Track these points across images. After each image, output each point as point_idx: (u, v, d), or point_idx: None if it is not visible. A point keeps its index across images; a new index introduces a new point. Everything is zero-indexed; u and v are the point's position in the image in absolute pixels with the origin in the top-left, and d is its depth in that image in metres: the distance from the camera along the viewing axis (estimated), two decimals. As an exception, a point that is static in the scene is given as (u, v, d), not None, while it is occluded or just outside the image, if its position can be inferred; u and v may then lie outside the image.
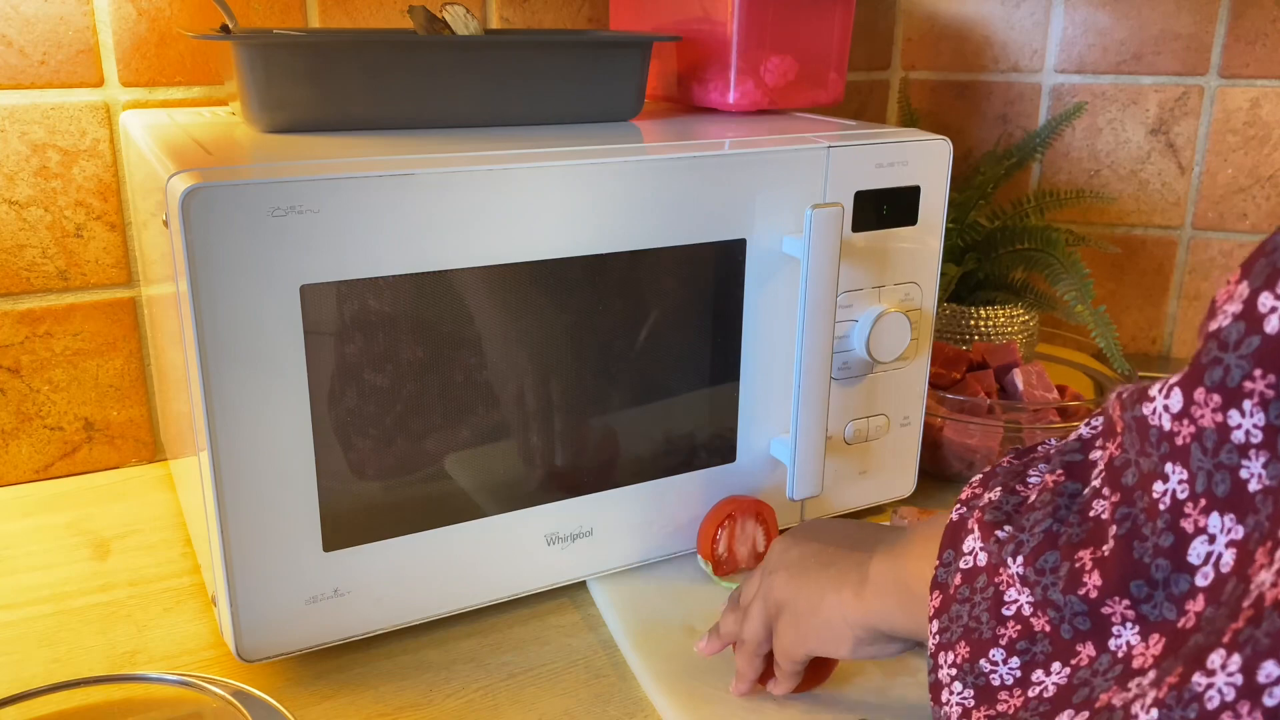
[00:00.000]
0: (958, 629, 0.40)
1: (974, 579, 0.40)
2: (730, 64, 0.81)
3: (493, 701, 0.61)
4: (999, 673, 0.38)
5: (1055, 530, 0.37)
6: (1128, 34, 1.09)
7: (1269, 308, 0.29)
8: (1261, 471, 0.30)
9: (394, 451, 0.62)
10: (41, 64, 0.80)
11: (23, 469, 0.88)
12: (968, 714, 0.38)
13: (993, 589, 0.39)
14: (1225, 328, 0.31)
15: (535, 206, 0.61)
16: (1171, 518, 0.32)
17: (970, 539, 0.41)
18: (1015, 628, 0.37)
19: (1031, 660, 0.37)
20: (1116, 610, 0.34)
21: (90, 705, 0.56)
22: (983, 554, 0.40)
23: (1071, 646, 0.35)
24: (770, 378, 0.73)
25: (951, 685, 0.39)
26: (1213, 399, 0.31)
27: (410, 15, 0.76)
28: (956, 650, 0.39)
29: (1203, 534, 0.32)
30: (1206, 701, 0.27)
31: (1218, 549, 0.31)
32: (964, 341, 1.03)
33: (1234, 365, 0.30)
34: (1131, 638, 0.33)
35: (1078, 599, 0.35)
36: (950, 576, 0.41)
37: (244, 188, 0.53)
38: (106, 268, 0.86)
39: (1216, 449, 0.31)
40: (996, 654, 0.38)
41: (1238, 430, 0.30)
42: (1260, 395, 0.30)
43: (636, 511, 0.71)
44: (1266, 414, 0.30)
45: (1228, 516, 0.31)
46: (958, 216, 1.03)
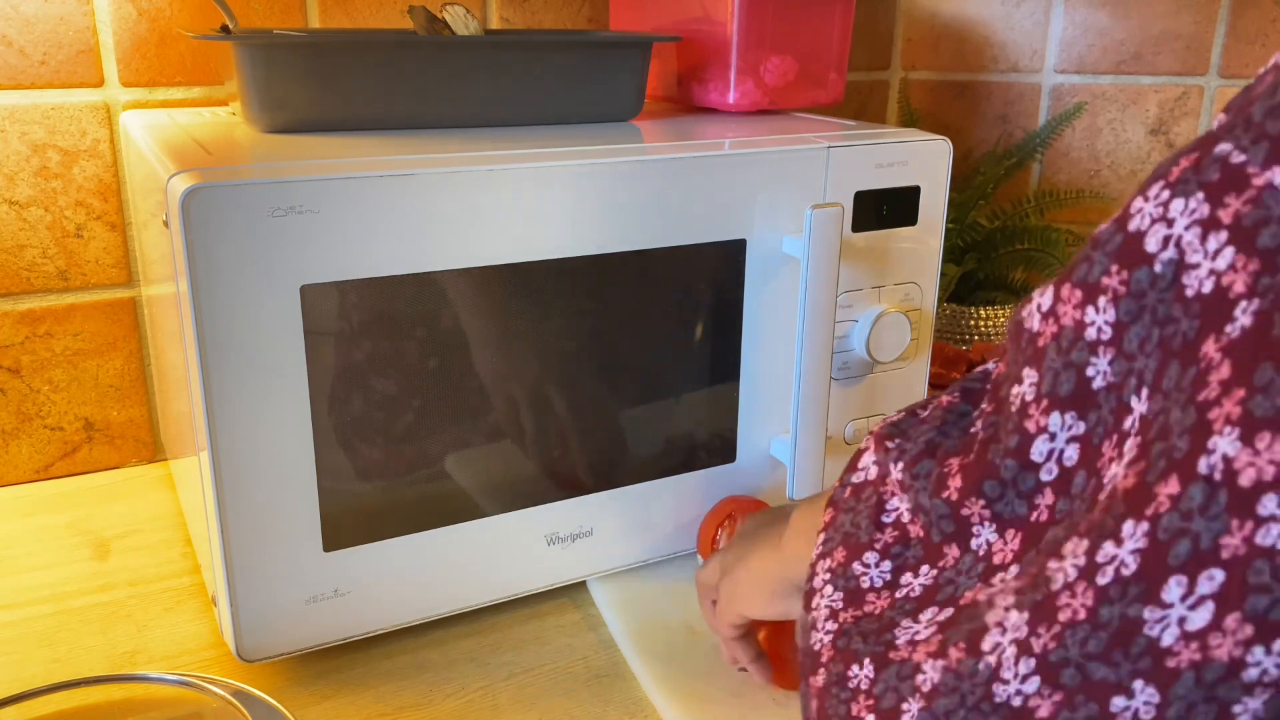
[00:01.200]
0: (839, 536, 0.40)
1: (862, 491, 0.41)
2: (730, 64, 0.81)
3: (493, 701, 0.61)
4: (869, 575, 0.38)
5: (936, 440, 0.38)
6: (1128, 34, 1.09)
7: (1137, 209, 0.30)
8: (1107, 369, 0.31)
9: (394, 451, 0.62)
10: (42, 64, 0.80)
11: (23, 469, 0.88)
12: (834, 615, 0.39)
13: (876, 497, 0.39)
14: (1103, 229, 0.32)
15: (535, 206, 0.61)
16: (1018, 419, 0.34)
17: (866, 455, 0.41)
18: (892, 533, 0.38)
19: (903, 564, 0.37)
20: (974, 511, 0.35)
21: (90, 705, 0.56)
22: (874, 467, 0.40)
23: (940, 549, 0.36)
24: (770, 378, 0.73)
25: (823, 590, 0.40)
26: (1075, 294, 0.32)
27: (410, 15, 0.76)
28: (834, 556, 0.40)
29: (1044, 433, 0.33)
30: (1052, 584, 0.28)
31: (1058, 445, 0.32)
32: (964, 341, 1.03)
33: (1097, 261, 0.31)
34: (990, 536, 0.34)
35: (941, 502, 0.36)
36: (843, 492, 0.42)
37: (244, 188, 0.53)
38: (106, 268, 0.86)
39: (1069, 347, 0.32)
40: (870, 557, 0.38)
41: (1090, 327, 0.31)
42: (1114, 291, 0.31)
43: (636, 511, 0.71)
44: (1117, 311, 0.30)
45: (1069, 414, 0.32)
46: (958, 216, 1.03)
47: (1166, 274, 0.29)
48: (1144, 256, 0.30)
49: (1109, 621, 0.27)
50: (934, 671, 0.32)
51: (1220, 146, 0.29)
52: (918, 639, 0.35)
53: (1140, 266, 0.30)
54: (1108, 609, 0.27)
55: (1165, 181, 0.30)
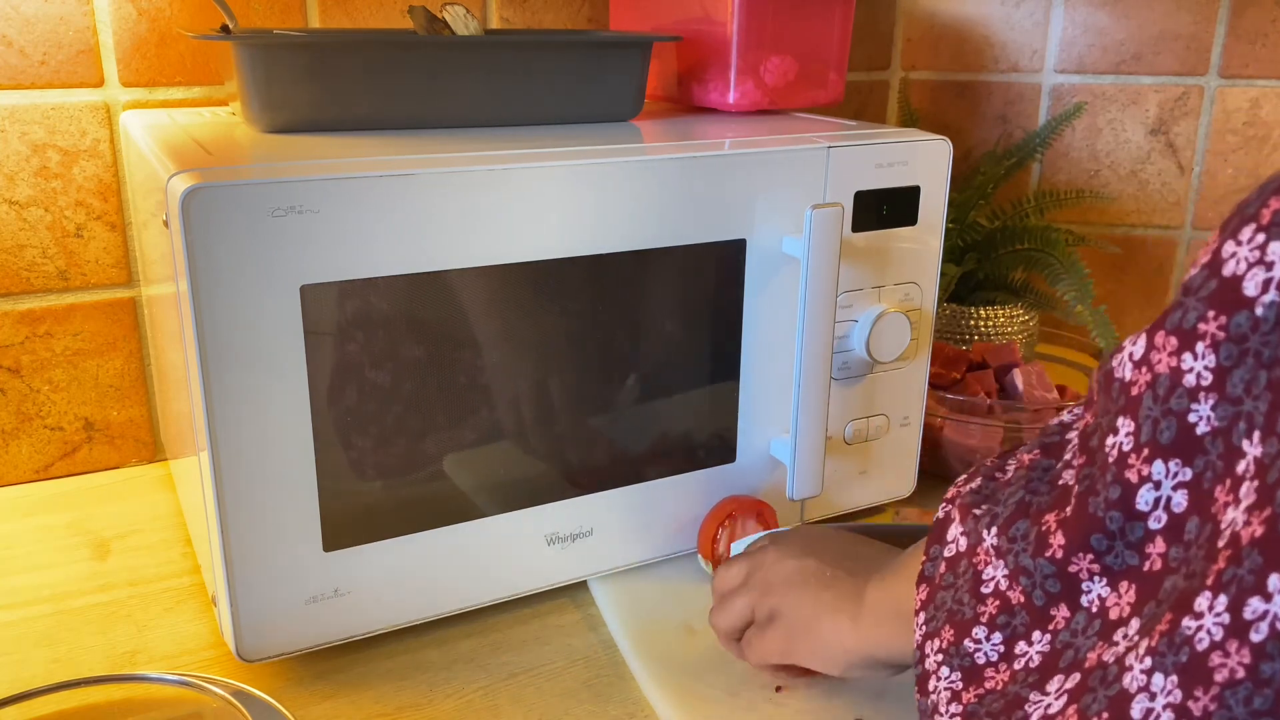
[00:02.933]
0: (942, 615, 0.40)
1: (956, 564, 0.40)
2: (730, 64, 0.81)
3: (493, 701, 0.61)
4: (983, 650, 0.38)
5: (1027, 500, 0.38)
6: (1128, 34, 1.09)
7: (1230, 253, 0.30)
8: (1210, 414, 0.31)
9: (394, 451, 0.62)
10: (42, 64, 0.80)
11: (23, 469, 0.88)
12: (957, 697, 0.38)
13: (972, 570, 0.39)
14: (1193, 275, 0.32)
15: (535, 206, 0.61)
16: (1117, 469, 0.34)
17: (953, 528, 0.41)
18: (994, 604, 0.38)
19: (1013, 634, 0.37)
20: (1082, 566, 0.35)
21: (90, 705, 0.56)
22: (963, 538, 0.40)
23: (1046, 612, 0.36)
24: (770, 378, 0.73)
25: (938, 672, 0.39)
26: (1170, 342, 0.32)
27: (410, 15, 0.76)
28: (942, 636, 0.39)
29: (1147, 482, 0.32)
30: (1197, 644, 0.28)
31: (1164, 493, 0.32)
32: (964, 341, 1.03)
33: (1191, 308, 0.31)
34: (1101, 590, 0.34)
35: (1046, 561, 0.35)
36: (935, 568, 0.41)
37: (244, 188, 0.53)
38: (106, 268, 0.86)
39: (1167, 395, 0.32)
40: (979, 632, 0.38)
41: (1189, 374, 0.31)
42: (1212, 337, 0.31)
43: (636, 511, 0.71)
44: (1217, 356, 0.30)
45: (1173, 462, 0.32)
46: (958, 216, 1.03)
47: (1269, 316, 0.29)
48: (1243, 300, 0.30)
49: (1272, 678, 0.26)
50: None
51: None
52: (1051, 712, 0.34)
53: (1239, 310, 0.30)
54: (1268, 665, 0.27)
55: (1258, 225, 0.30)
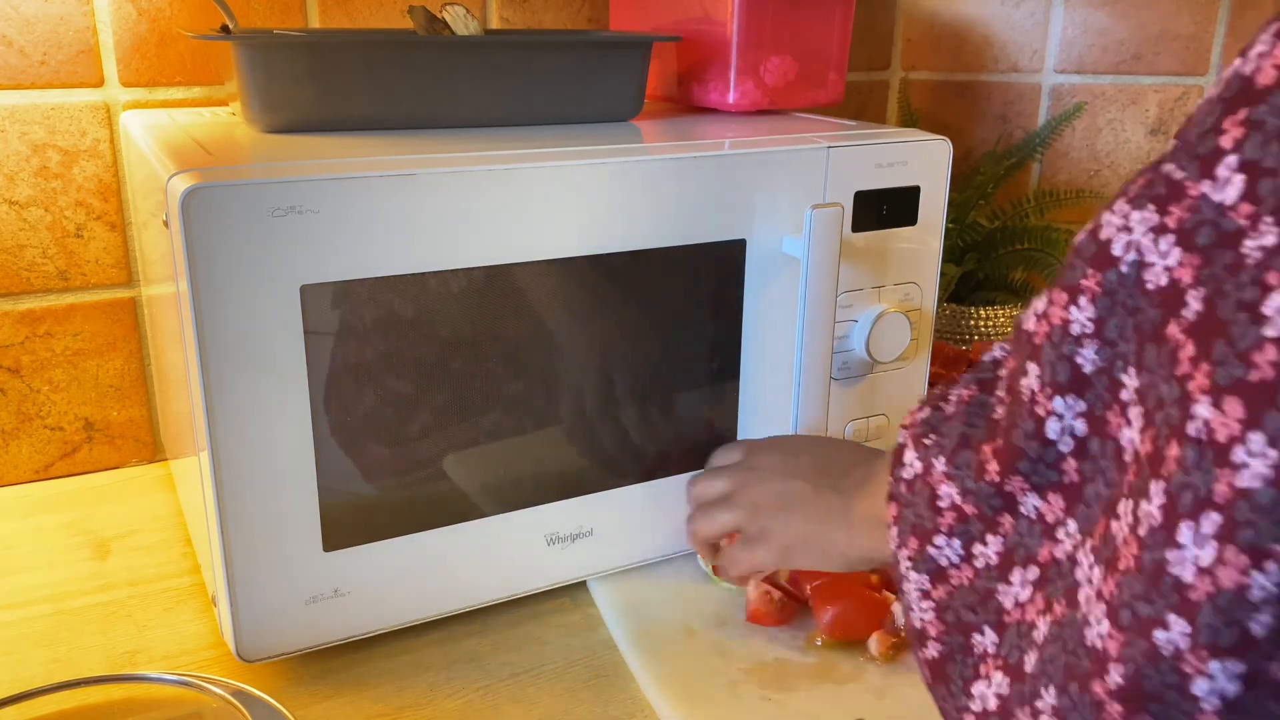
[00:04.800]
0: (907, 528, 0.46)
1: (914, 484, 0.47)
2: (730, 64, 0.81)
3: (493, 701, 0.61)
4: (944, 554, 0.45)
5: (967, 434, 0.45)
6: (1128, 34, 1.09)
7: (1106, 221, 0.36)
8: (1095, 357, 0.37)
9: (394, 451, 0.62)
10: (42, 64, 0.80)
11: (23, 469, 0.88)
12: (926, 595, 0.45)
13: (928, 489, 0.46)
14: (1082, 240, 0.38)
15: (535, 206, 0.61)
16: (1030, 407, 0.40)
17: (908, 453, 0.48)
18: (951, 515, 0.44)
19: (969, 538, 0.44)
20: (1015, 487, 0.41)
21: (90, 705, 0.56)
22: (918, 462, 0.47)
23: (994, 519, 0.43)
24: (770, 378, 0.73)
25: (909, 575, 0.46)
26: (1061, 296, 0.38)
27: (410, 15, 0.76)
28: (909, 546, 0.46)
29: (1052, 415, 0.39)
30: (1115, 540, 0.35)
31: (1067, 423, 0.39)
32: (964, 341, 1.03)
33: (1077, 267, 0.38)
34: (1035, 502, 0.41)
35: (985, 484, 0.43)
36: (898, 488, 0.48)
37: (244, 188, 0.53)
38: (106, 268, 0.86)
39: (1060, 342, 0.38)
40: (940, 539, 0.45)
41: (1074, 324, 0.38)
42: (1091, 291, 0.37)
43: (636, 511, 0.71)
44: (1095, 308, 0.37)
45: (1069, 397, 0.39)
46: (958, 216, 1.03)
47: (1131, 273, 0.35)
48: (1111, 260, 0.36)
49: (1148, 566, 0.32)
50: (1044, 626, 0.38)
51: (1165, 166, 0.35)
52: (1022, 600, 0.40)
53: (1110, 269, 0.36)
54: (1147, 554, 0.32)
55: (1126, 198, 0.36)
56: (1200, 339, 0.32)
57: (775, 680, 0.62)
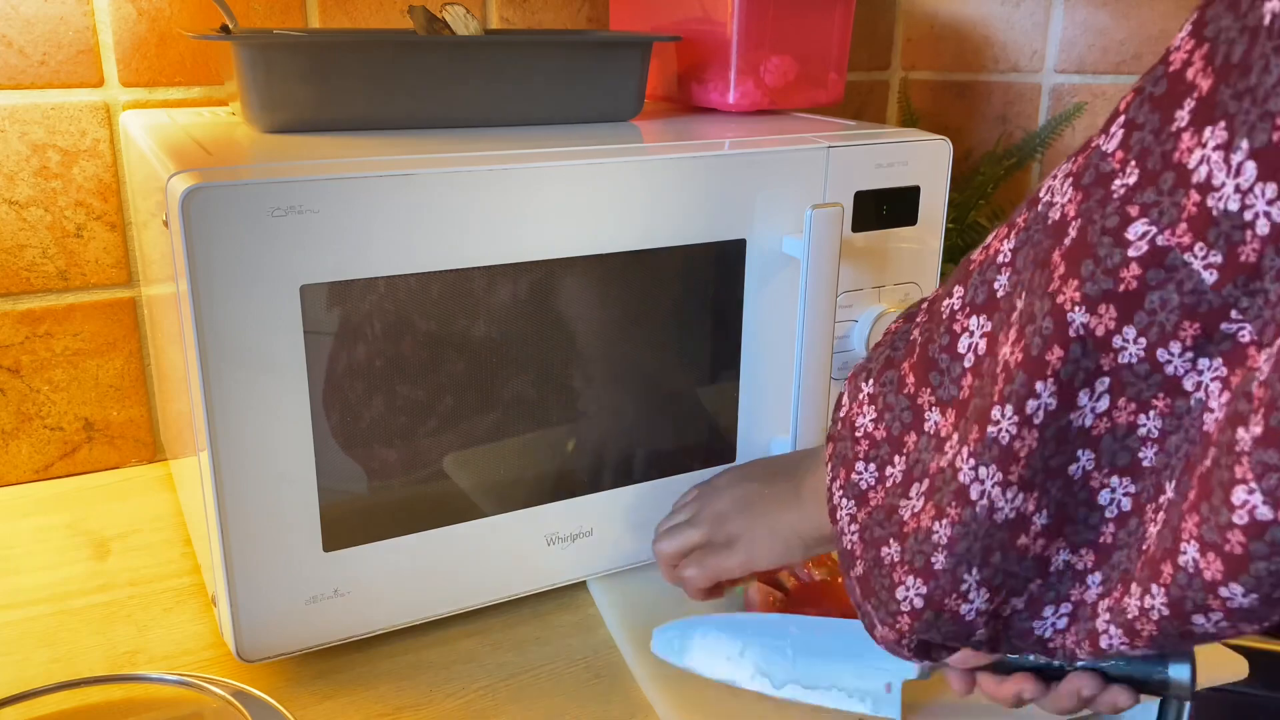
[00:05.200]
0: (839, 462, 0.51)
1: (845, 420, 0.51)
2: (730, 64, 0.81)
3: (493, 701, 0.61)
4: (863, 479, 0.49)
5: (892, 356, 0.49)
6: (1128, 34, 1.09)
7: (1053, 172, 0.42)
8: (1006, 282, 0.43)
9: (394, 451, 0.62)
10: (41, 64, 0.80)
11: (23, 469, 0.88)
12: (854, 519, 0.49)
13: (850, 423, 0.50)
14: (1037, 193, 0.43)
15: (535, 206, 0.61)
16: (948, 323, 0.45)
17: (844, 394, 0.52)
18: (866, 443, 0.49)
19: (880, 462, 0.48)
20: (925, 399, 0.46)
21: (90, 705, 0.56)
22: (847, 399, 0.51)
23: (901, 439, 0.48)
24: (770, 378, 0.73)
25: (841, 504, 0.50)
26: (1001, 231, 0.44)
27: (410, 15, 0.76)
28: (839, 477, 0.50)
29: (966, 331, 0.45)
30: (1002, 440, 0.41)
31: (975, 340, 0.44)
32: (964, 341, 1.03)
33: (1018, 210, 0.44)
34: (937, 418, 0.46)
35: (904, 397, 0.47)
36: (834, 427, 0.52)
37: (244, 188, 0.53)
38: (106, 268, 0.86)
39: (987, 268, 0.44)
40: (859, 466, 0.49)
41: (1001, 254, 0.44)
42: (1016, 228, 0.43)
43: (636, 511, 0.71)
44: (1015, 241, 0.43)
45: (980, 316, 0.44)
46: (958, 216, 1.03)
47: (1043, 213, 0.41)
48: (1035, 200, 0.42)
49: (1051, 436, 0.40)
50: (944, 529, 0.43)
51: (1096, 140, 0.40)
52: (916, 510, 0.45)
53: (1033, 208, 0.42)
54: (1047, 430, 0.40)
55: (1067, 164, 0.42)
56: (1071, 260, 0.39)
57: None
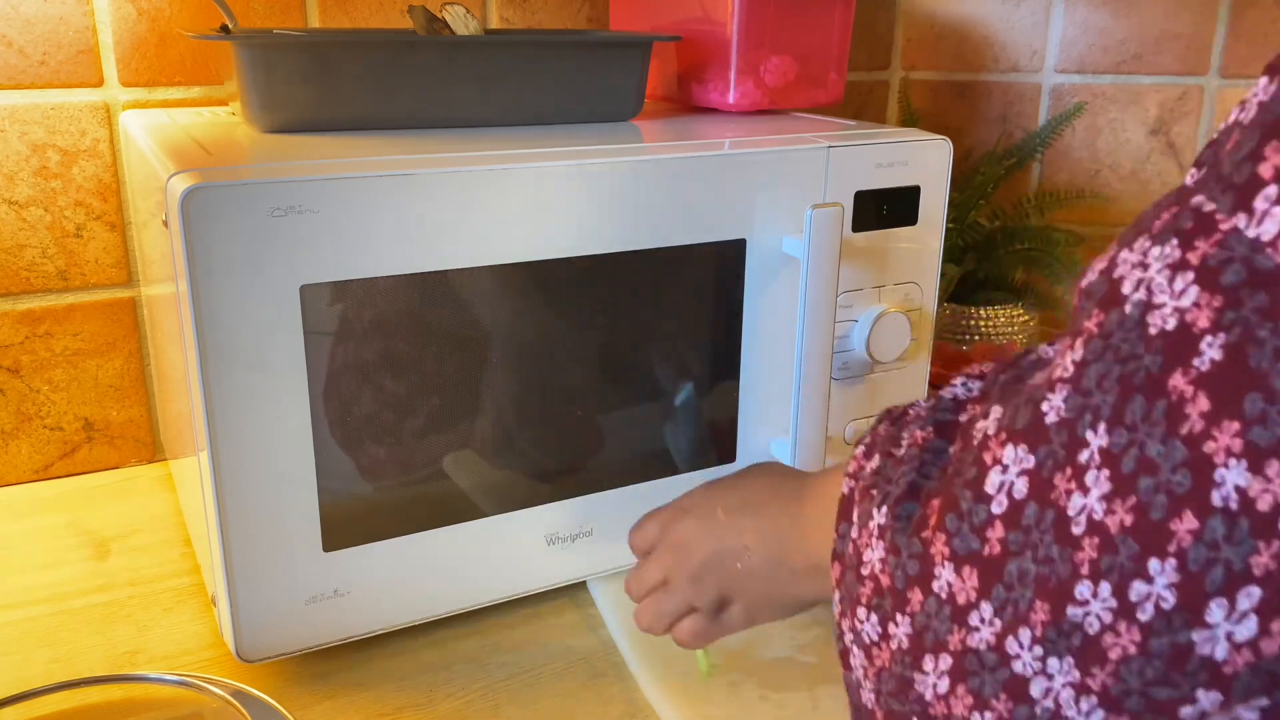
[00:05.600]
0: (848, 596, 0.41)
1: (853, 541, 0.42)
2: (730, 64, 0.81)
3: (493, 701, 0.61)
4: (866, 630, 0.39)
5: (917, 483, 0.39)
6: (1128, 34, 1.09)
7: (1122, 259, 0.32)
8: (1061, 404, 0.32)
9: (394, 451, 0.62)
10: (41, 64, 0.80)
11: (22, 469, 0.88)
12: (866, 674, 0.40)
13: (857, 553, 0.40)
14: (1092, 281, 0.33)
15: (535, 206, 0.61)
16: (979, 451, 0.35)
17: (856, 508, 0.42)
18: (870, 586, 0.39)
19: (884, 615, 0.38)
20: (938, 548, 0.36)
21: (90, 705, 0.56)
22: (858, 520, 0.41)
23: (904, 595, 0.37)
24: (770, 378, 0.73)
25: (852, 650, 0.41)
26: (1067, 340, 0.34)
27: (410, 15, 0.76)
28: (848, 616, 0.41)
29: (998, 464, 0.34)
30: (1087, 628, 0.30)
31: (1009, 478, 0.33)
32: (964, 341, 1.03)
33: (1085, 310, 0.33)
34: (949, 576, 0.35)
35: (918, 540, 0.37)
36: (845, 547, 0.42)
37: (244, 188, 0.53)
38: (106, 268, 0.86)
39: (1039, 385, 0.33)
40: (862, 612, 0.40)
41: (1060, 367, 0.33)
42: (1089, 333, 0.32)
43: (637, 511, 0.71)
44: (1085, 350, 0.32)
45: (1020, 447, 0.33)
46: (958, 216, 1.03)
47: (1134, 314, 0.31)
48: (1119, 299, 0.31)
49: (1161, 651, 0.29)
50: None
51: (1195, 199, 0.30)
52: (941, 692, 0.36)
53: (1114, 308, 0.31)
54: (1157, 640, 0.29)
55: (1149, 234, 0.32)
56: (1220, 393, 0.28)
57: (775, 680, 0.62)
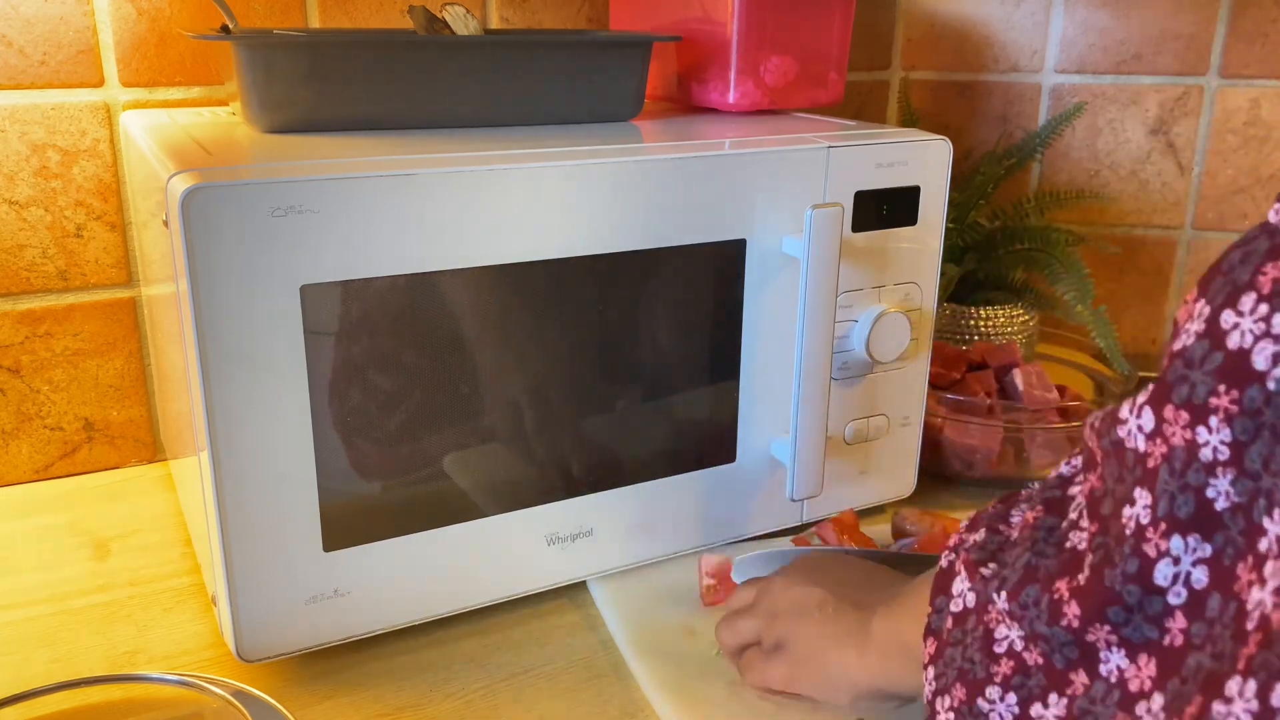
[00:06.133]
0: (953, 672, 0.40)
1: (964, 620, 0.40)
2: (730, 64, 0.81)
3: (493, 701, 0.61)
4: (997, 710, 0.38)
5: (1034, 564, 0.38)
6: (1128, 34, 1.09)
7: (1231, 324, 0.30)
8: (1229, 489, 0.30)
9: (394, 451, 0.62)
10: (41, 64, 0.80)
11: (23, 469, 0.88)
12: None
13: (983, 628, 0.39)
14: (1190, 346, 0.31)
15: (535, 206, 0.61)
16: (1135, 542, 0.33)
17: (958, 581, 0.41)
18: (1009, 664, 0.37)
19: (1028, 695, 0.37)
20: (1100, 636, 0.34)
21: (90, 705, 0.56)
22: (971, 594, 0.40)
23: (1065, 675, 0.36)
24: (770, 378, 0.73)
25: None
26: (1181, 416, 0.32)
27: (410, 15, 0.76)
28: (953, 694, 0.39)
29: (1166, 556, 0.32)
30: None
31: (1184, 569, 0.32)
32: (964, 341, 1.03)
33: (1199, 382, 0.31)
34: (1120, 661, 0.34)
35: (1062, 630, 0.35)
36: (942, 622, 0.41)
37: (244, 188, 0.53)
38: (106, 268, 0.86)
39: (1184, 469, 0.32)
40: (993, 692, 0.38)
41: (1205, 448, 0.31)
42: (1225, 411, 0.30)
43: (636, 511, 0.71)
44: (1232, 430, 0.30)
45: (1191, 537, 0.31)
46: (958, 216, 1.03)
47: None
48: (1253, 374, 0.29)
49: None
50: None
51: None
52: None
53: (1251, 384, 0.29)
54: None
55: (1259, 295, 0.29)
56: None
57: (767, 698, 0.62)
